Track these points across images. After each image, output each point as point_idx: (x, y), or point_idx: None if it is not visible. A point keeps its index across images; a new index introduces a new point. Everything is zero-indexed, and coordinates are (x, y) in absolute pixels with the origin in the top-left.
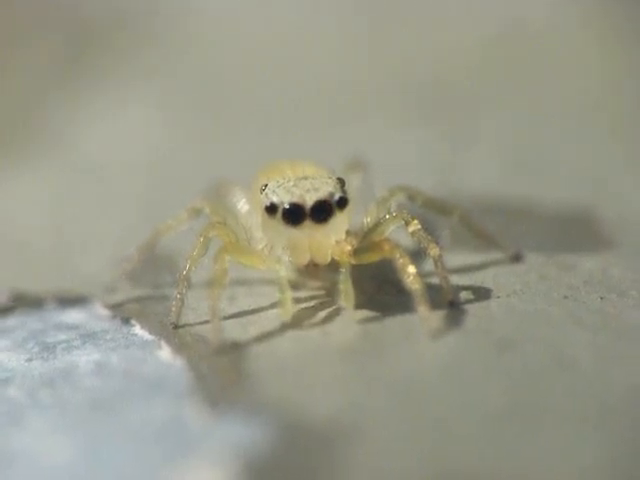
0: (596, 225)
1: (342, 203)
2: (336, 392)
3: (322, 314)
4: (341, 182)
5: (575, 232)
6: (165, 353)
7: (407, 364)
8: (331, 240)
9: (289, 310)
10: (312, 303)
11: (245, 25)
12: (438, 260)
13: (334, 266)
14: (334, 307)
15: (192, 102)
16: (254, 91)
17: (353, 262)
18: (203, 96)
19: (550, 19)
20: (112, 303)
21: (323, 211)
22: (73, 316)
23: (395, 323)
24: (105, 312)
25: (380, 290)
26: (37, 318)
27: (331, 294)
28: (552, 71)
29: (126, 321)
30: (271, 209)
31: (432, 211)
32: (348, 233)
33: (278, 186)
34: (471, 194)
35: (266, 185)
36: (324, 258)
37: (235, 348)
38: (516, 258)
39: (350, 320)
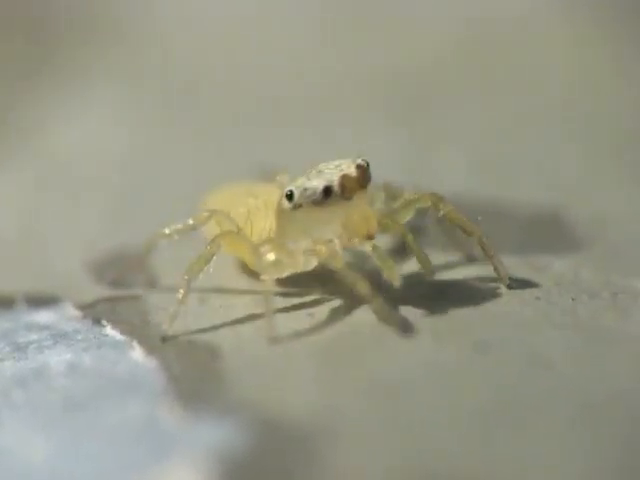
0: (566, 226)
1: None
2: (311, 393)
3: (295, 315)
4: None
5: (545, 233)
6: (137, 353)
7: (383, 366)
8: (369, 210)
9: (396, 275)
10: (285, 304)
11: (214, 24)
12: (484, 241)
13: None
14: (307, 309)
15: (161, 101)
16: (223, 90)
17: (386, 231)
18: (172, 95)
19: (520, 19)
20: (83, 303)
21: (366, 177)
22: (44, 316)
23: (371, 324)
24: (76, 312)
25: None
26: (8, 318)
27: (306, 295)
28: (521, 71)
29: (97, 321)
30: (327, 192)
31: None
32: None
33: (319, 174)
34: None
35: (291, 191)
36: (375, 226)
37: (207, 349)
38: (510, 286)
39: (324, 321)
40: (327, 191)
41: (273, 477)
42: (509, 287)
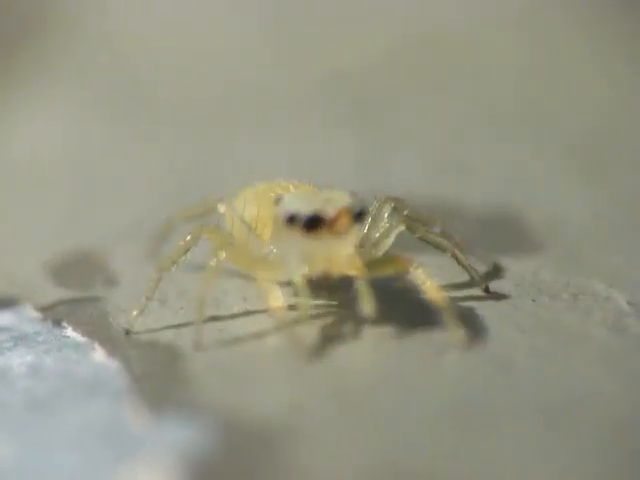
0: (524, 227)
1: (360, 215)
2: (274, 394)
3: (258, 316)
4: (355, 196)
5: (504, 234)
6: (99, 355)
7: (346, 367)
8: (346, 252)
9: (307, 314)
10: (247, 307)
11: (169, 25)
12: (457, 254)
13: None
14: (269, 312)
15: (117, 102)
16: (177, 92)
17: (365, 275)
18: (129, 96)
19: (471, 19)
20: (43, 305)
21: (343, 223)
22: (4, 318)
23: (336, 325)
24: (36, 314)
25: (320, 292)
26: None
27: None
28: (474, 71)
29: (58, 323)
30: (291, 219)
31: (417, 222)
32: (356, 247)
33: (297, 198)
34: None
35: (280, 197)
36: (336, 270)
37: (169, 350)
38: (486, 290)
39: (286, 323)
40: (292, 219)
41: (238, 478)
42: (485, 291)
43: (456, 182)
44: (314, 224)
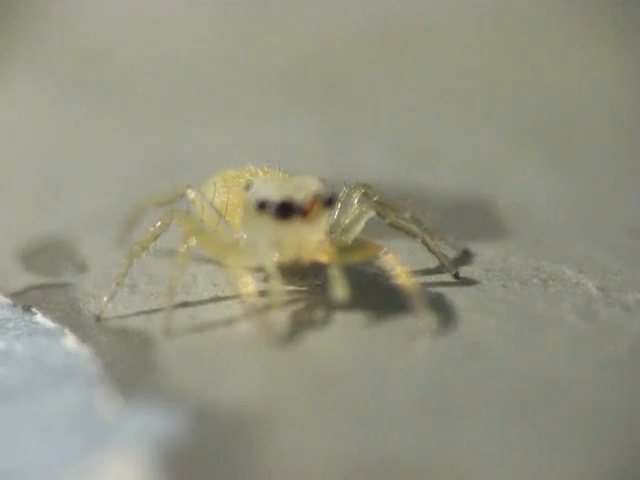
0: (495, 213)
1: (331, 201)
2: (246, 381)
3: (228, 303)
4: (324, 181)
5: (474, 220)
6: (70, 341)
7: (318, 354)
8: (316, 238)
9: (279, 299)
10: (217, 293)
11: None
12: (426, 240)
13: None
14: (239, 298)
15: (87, 90)
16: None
17: (337, 262)
18: (97, 84)
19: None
20: (12, 291)
21: (313, 208)
22: None
23: (305, 312)
24: (5, 300)
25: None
26: None
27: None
28: (439, 55)
29: (28, 309)
30: (261, 206)
31: (387, 208)
32: (326, 232)
33: (266, 184)
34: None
35: (250, 183)
36: (307, 256)
37: (140, 336)
38: (456, 276)
39: (257, 309)
40: (262, 205)
41: (210, 464)
42: (455, 276)
43: (424, 168)
44: (284, 210)
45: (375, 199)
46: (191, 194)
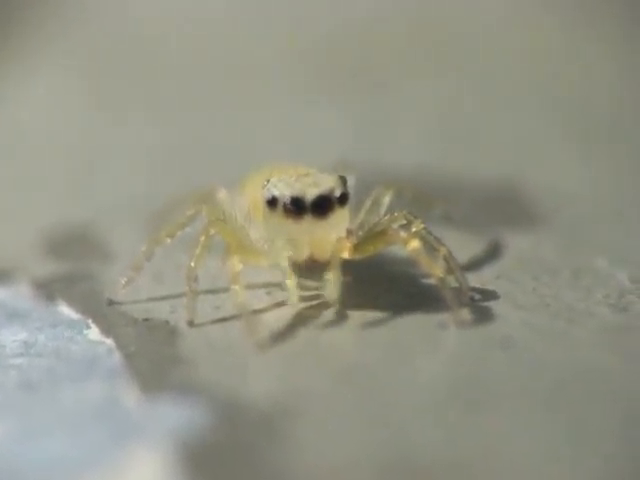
0: (526, 202)
1: (343, 199)
2: (272, 374)
3: (254, 294)
4: (342, 179)
5: (503, 209)
6: (94, 333)
7: (344, 346)
8: (331, 236)
9: (296, 297)
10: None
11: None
12: (449, 258)
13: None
14: (267, 288)
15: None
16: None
17: (356, 256)
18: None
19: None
20: (37, 281)
21: (323, 206)
22: None
23: (335, 305)
24: (30, 290)
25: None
26: None
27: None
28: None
29: (52, 300)
30: (272, 202)
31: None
32: (349, 231)
33: (280, 181)
34: (400, 171)
35: (268, 181)
36: (323, 254)
37: (164, 328)
38: (471, 299)
39: (283, 305)
40: (272, 202)
41: (234, 457)
42: (471, 299)
43: (457, 153)
44: (293, 207)
45: (414, 230)
46: (222, 192)
